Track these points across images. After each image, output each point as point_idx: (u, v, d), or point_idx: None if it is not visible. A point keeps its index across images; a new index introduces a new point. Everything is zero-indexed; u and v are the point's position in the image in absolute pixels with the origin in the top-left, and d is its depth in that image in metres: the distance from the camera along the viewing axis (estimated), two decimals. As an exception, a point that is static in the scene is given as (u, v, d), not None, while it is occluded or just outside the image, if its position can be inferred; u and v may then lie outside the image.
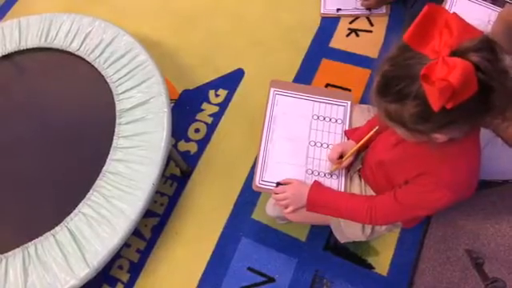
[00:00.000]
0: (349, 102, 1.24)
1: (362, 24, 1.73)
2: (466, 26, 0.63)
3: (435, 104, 0.62)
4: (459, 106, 0.62)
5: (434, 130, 0.70)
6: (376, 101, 0.73)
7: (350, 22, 1.74)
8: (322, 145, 1.17)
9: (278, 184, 1.11)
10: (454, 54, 0.60)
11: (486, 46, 0.62)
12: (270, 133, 1.20)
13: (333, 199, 1.03)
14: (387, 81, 0.69)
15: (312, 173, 1.14)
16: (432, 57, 0.62)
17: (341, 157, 1.10)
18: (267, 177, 1.13)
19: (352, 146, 1.09)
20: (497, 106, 0.66)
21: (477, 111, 0.67)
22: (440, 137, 0.72)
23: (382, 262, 1.25)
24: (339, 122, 1.21)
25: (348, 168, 1.14)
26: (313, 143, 1.18)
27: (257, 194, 1.39)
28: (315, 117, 1.21)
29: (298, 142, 1.18)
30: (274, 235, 1.33)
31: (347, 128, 1.20)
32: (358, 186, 1.11)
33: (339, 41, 1.69)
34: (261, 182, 1.13)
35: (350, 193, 1.10)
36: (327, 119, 1.21)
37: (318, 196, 1.03)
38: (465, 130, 0.73)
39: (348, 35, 1.71)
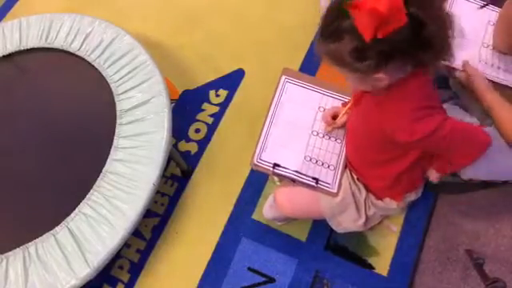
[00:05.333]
0: None
1: (362, 24, 1.72)
2: None
3: (366, 32, 0.65)
4: (392, 39, 0.67)
5: (374, 69, 0.74)
6: (319, 46, 0.78)
7: (351, 23, 1.74)
8: (323, 136, 1.17)
9: (275, 165, 1.12)
10: None
11: None
12: (274, 117, 1.20)
13: None
14: (325, 22, 0.75)
15: (310, 160, 1.14)
16: None
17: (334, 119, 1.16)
18: (265, 156, 1.14)
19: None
20: (431, 42, 0.70)
21: (410, 46, 0.70)
22: (383, 78, 0.76)
23: (382, 263, 1.25)
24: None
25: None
26: (315, 133, 1.18)
27: (257, 195, 1.39)
28: (321, 109, 1.21)
29: (301, 130, 1.18)
30: (274, 235, 1.32)
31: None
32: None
33: (339, 41, 1.69)
34: (258, 160, 1.13)
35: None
36: None
37: None
38: (405, 69, 0.77)
39: (348, 35, 1.71)
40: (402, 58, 0.74)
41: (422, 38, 0.69)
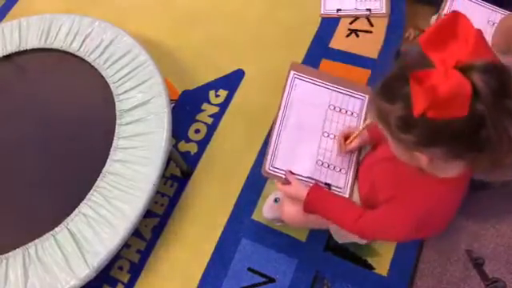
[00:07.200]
0: (367, 96, 1.21)
1: (361, 24, 1.73)
2: (485, 46, 0.59)
3: (416, 106, 0.59)
4: (444, 127, 0.60)
5: (415, 146, 0.68)
6: (373, 99, 0.72)
7: (350, 23, 1.74)
8: (335, 136, 1.15)
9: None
10: (459, 68, 0.57)
11: (496, 72, 0.57)
12: (284, 119, 1.17)
13: (328, 207, 1.03)
14: (388, 80, 0.69)
15: (322, 164, 1.12)
16: (438, 65, 0.59)
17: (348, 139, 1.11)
18: (278, 163, 1.11)
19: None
20: (487, 148, 0.61)
21: (462, 142, 0.62)
22: (422, 158, 0.69)
23: (382, 263, 1.25)
24: (355, 115, 1.17)
25: (357, 162, 1.13)
26: (326, 134, 1.15)
27: (257, 195, 1.40)
28: (331, 107, 1.18)
29: (312, 132, 1.16)
30: (274, 236, 1.32)
31: (362, 123, 1.16)
32: (356, 196, 1.11)
33: (339, 41, 1.69)
34: (271, 168, 1.11)
35: (347, 201, 1.08)
36: (343, 111, 1.17)
37: (315, 202, 1.02)
38: (450, 162, 0.70)
39: (348, 36, 1.71)
40: (449, 149, 0.66)
41: (479, 138, 0.60)
